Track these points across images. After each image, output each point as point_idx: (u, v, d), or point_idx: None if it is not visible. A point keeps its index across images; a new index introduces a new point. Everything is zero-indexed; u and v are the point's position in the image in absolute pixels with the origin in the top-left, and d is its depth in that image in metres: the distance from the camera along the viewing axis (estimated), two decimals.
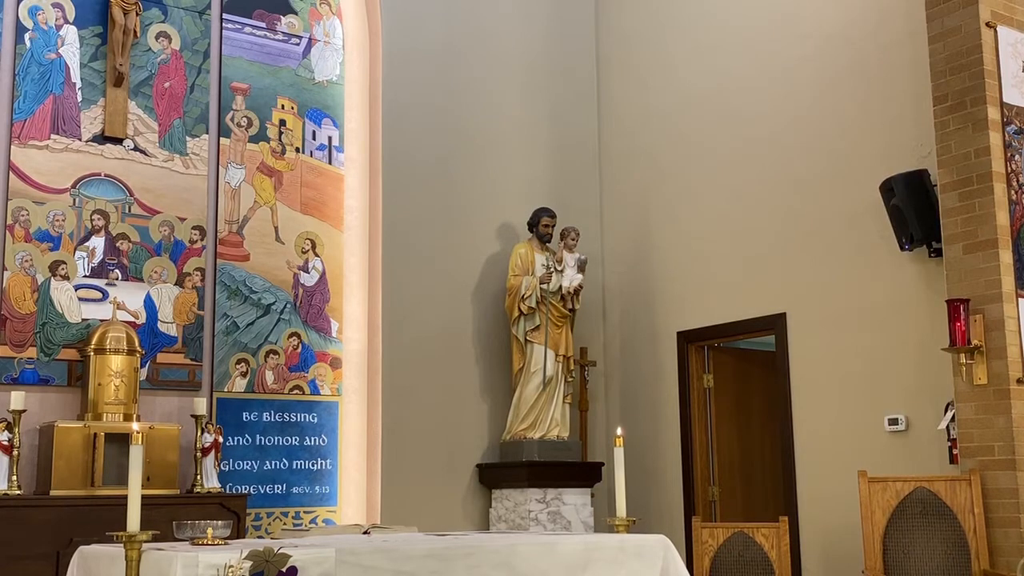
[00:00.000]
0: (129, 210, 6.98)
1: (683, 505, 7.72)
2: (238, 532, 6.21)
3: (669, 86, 8.27)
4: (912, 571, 5.61)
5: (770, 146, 7.42)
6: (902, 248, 6.40)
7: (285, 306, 7.45)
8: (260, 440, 7.26)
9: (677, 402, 7.91)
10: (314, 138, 7.75)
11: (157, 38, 7.21)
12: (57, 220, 6.74)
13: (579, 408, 8.19)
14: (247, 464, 7.18)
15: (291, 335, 7.44)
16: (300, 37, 7.80)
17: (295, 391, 7.42)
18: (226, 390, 7.15)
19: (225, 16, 7.48)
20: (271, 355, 7.35)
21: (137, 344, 6.61)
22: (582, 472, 7.75)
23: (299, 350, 7.45)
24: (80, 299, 6.74)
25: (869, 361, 6.65)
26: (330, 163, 7.80)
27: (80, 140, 6.86)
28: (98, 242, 6.86)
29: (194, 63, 7.32)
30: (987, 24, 5.89)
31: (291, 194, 7.59)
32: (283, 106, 7.65)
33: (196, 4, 7.37)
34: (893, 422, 6.48)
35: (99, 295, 6.80)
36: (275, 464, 7.28)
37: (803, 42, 7.29)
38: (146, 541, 3.20)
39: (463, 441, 7.78)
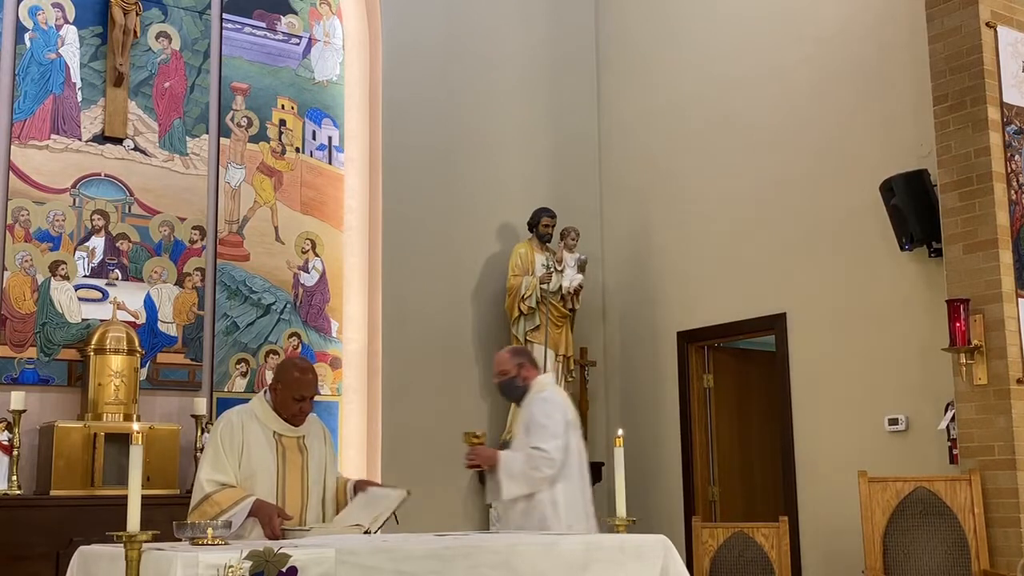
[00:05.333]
0: (129, 210, 6.98)
1: (683, 505, 7.72)
2: None
3: (669, 86, 8.27)
4: (912, 571, 5.61)
5: (770, 146, 7.42)
6: (902, 248, 6.40)
7: (285, 306, 7.45)
8: None
9: (677, 402, 7.91)
10: (314, 138, 7.75)
11: (157, 38, 7.21)
12: (57, 220, 6.73)
13: (579, 408, 8.17)
14: None
15: (291, 335, 7.44)
16: (300, 37, 7.80)
17: None
18: (226, 390, 7.15)
19: (225, 16, 7.48)
20: (271, 355, 7.35)
21: (137, 344, 6.61)
22: None
23: (299, 350, 7.45)
24: (80, 299, 6.74)
25: (869, 361, 6.65)
26: (330, 163, 7.80)
27: (80, 140, 6.86)
28: (98, 242, 6.85)
29: (194, 63, 7.32)
30: (987, 24, 5.89)
31: (291, 194, 7.59)
32: (283, 106, 7.65)
33: (196, 4, 7.37)
34: (893, 422, 6.48)
35: (99, 295, 6.79)
36: None
37: (803, 42, 7.29)
38: (146, 541, 3.19)
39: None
